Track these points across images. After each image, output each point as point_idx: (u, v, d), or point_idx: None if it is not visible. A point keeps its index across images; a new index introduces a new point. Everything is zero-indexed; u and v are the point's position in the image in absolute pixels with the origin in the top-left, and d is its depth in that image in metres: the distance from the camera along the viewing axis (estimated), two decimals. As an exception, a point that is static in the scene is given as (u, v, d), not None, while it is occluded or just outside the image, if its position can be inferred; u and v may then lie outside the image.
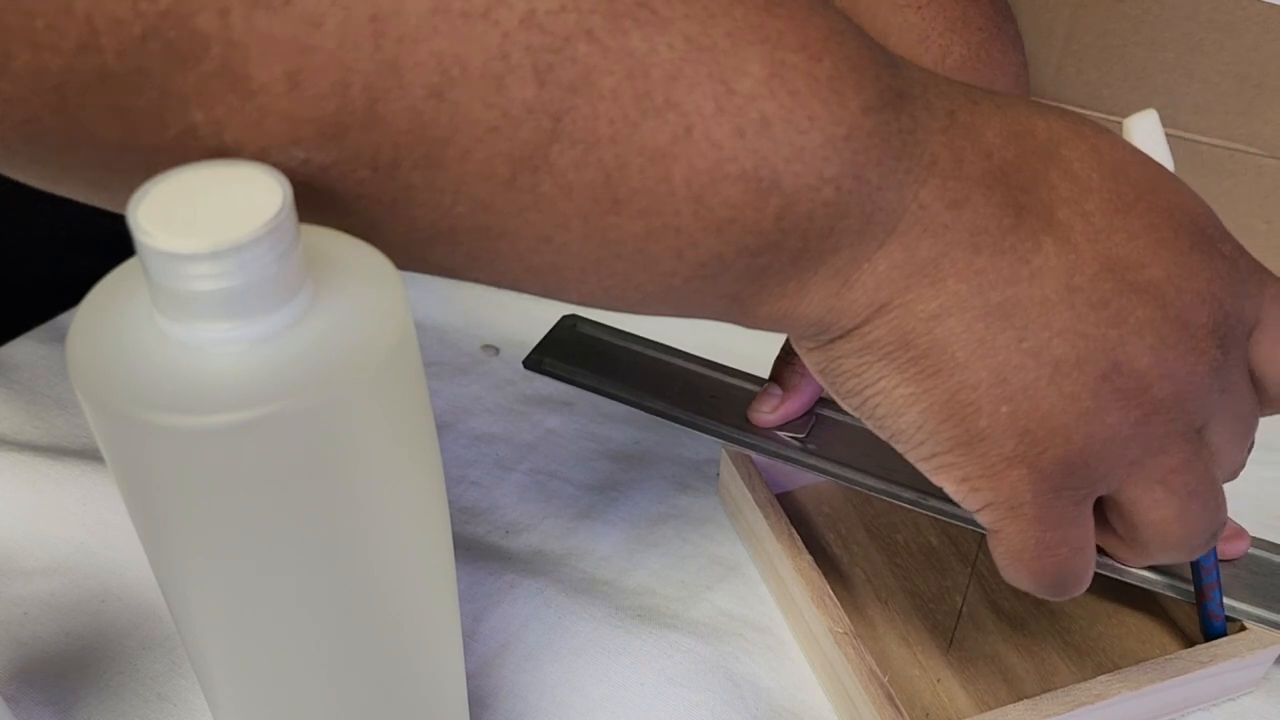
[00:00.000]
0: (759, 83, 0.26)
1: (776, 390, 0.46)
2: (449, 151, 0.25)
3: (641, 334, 0.51)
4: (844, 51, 0.27)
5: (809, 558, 0.44)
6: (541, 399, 0.56)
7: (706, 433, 0.47)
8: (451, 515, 0.32)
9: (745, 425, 0.47)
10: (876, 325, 0.29)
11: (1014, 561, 0.32)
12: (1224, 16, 0.58)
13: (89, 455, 0.50)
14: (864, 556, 0.49)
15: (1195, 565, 0.42)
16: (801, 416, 0.48)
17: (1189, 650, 0.42)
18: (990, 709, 0.40)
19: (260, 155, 0.25)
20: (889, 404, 0.30)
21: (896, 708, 0.39)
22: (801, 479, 0.51)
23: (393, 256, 0.27)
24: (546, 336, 0.51)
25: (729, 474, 0.49)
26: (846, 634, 0.42)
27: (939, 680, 0.44)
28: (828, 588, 0.43)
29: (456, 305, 0.61)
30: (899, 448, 0.32)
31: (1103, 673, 0.41)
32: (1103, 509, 0.32)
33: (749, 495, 0.47)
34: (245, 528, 0.26)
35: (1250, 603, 0.43)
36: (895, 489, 0.46)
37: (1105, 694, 0.40)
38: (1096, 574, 0.44)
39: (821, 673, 0.44)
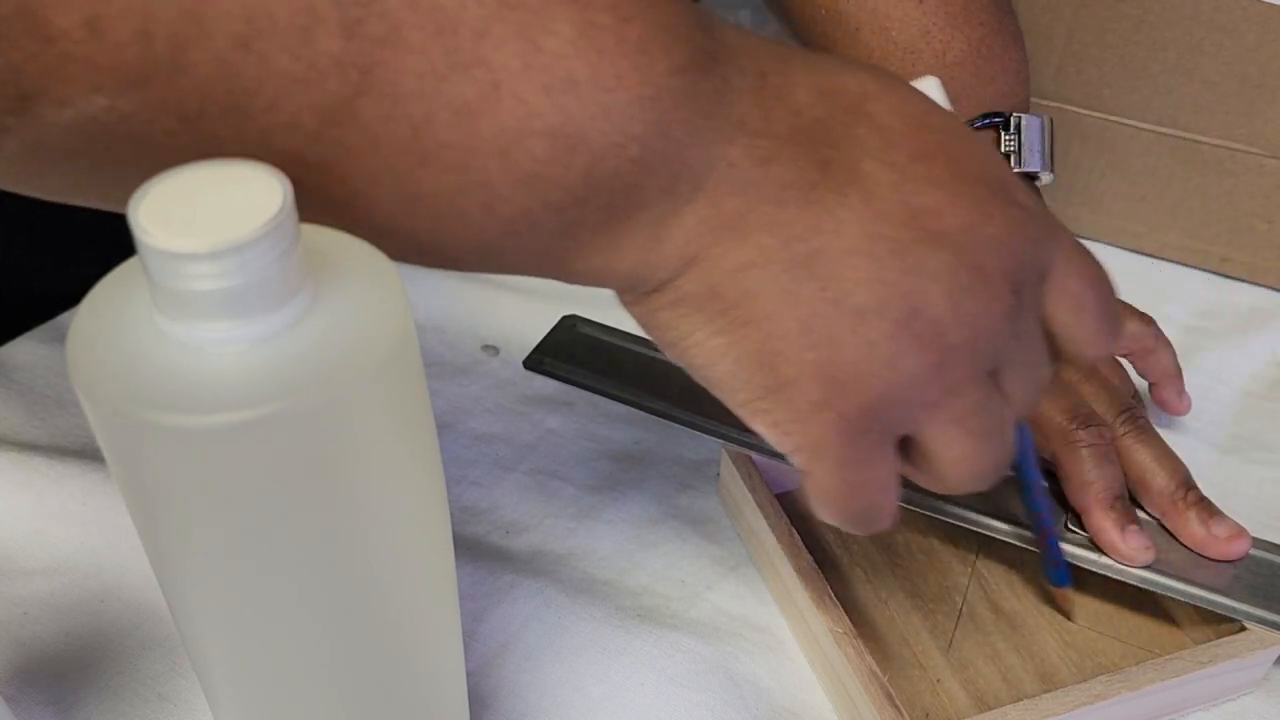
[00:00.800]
0: (567, 42, 0.27)
1: None
2: (256, 103, 0.25)
3: (642, 334, 0.51)
4: (654, 15, 0.28)
5: (809, 558, 0.44)
6: (541, 399, 0.56)
7: (706, 433, 0.47)
8: (451, 515, 0.32)
9: (746, 425, 0.47)
10: (687, 279, 0.30)
11: (822, 500, 0.33)
12: (1225, 17, 0.58)
13: (89, 455, 0.50)
14: (864, 557, 0.49)
15: (1033, 516, 0.43)
16: None
17: (1189, 651, 0.42)
18: (990, 709, 0.40)
19: (62, 102, 0.25)
20: (704, 354, 0.31)
21: (896, 708, 0.39)
22: (801, 479, 0.51)
23: None
24: (547, 337, 0.51)
25: (729, 474, 0.49)
26: (846, 634, 0.42)
27: (939, 680, 0.44)
28: (828, 588, 0.43)
29: (456, 305, 0.61)
30: (717, 395, 0.33)
31: (1102, 673, 0.41)
32: (903, 444, 0.33)
33: (749, 495, 0.47)
34: (245, 527, 0.26)
35: (1250, 603, 0.43)
36: None
37: (1105, 694, 0.40)
38: (1096, 574, 0.45)
39: (822, 673, 0.44)
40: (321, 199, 0.27)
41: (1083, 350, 0.34)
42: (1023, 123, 0.51)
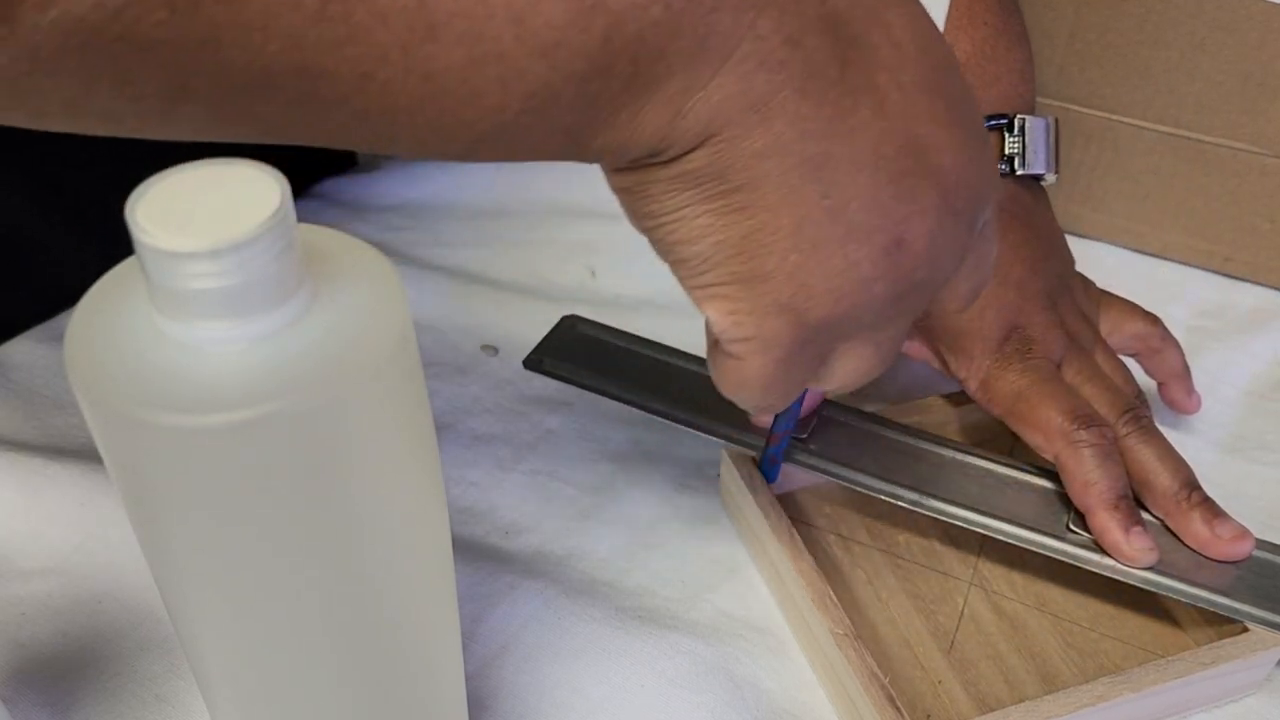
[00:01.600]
0: None
1: None
2: None
3: (642, 334, 0.51)
4: None
5: (810, 559, 0.44)
6: (541, 399, 0.56)
7: (707, 433, 0.47)
8: (451, 516, 0.32)
9: (747, 425, 0.47)
10: (698, 156, 0.29)
11: (739, 384, 0.33)
12: (1227, 15, 0.58)
13: (87, 456, 0.50)
14: (865, 558, 0.48)
15: (778, 415, 0.45)
16: (806, 416, 0.48)
17: (1191, 652, 0.42)
18: (992, 710, 0.40)
19: (44, 3, 0.23)
20: (684, 231, 0.31)
21: (897, 709, 0.39)
22: (802, 479, 0.50)
23: (222, 114, 0.26)
24: (547, 336, 0.51)
25: (729, 474, 0.49)
26: (847, 635, 0.41)
27: (940, 682, 0.44)
28: (829, 589, 0.43)
29: (456, 305, 0.61)
30: (677, 272, 0.32)
31: (1105, 674, 0.41)
32: None
33: (750, 496, 0.47)
34: (243, 527, 0.26)
35: (1253, 604, 0.43)
36: (896, 489, 0.46)
37: (1107, 695, 0.40)
38: (1096, 574, 0.44)
39: (823, 674, 0.44)
40: (330, 86, 0.26)
41: (950, 304, 0.35)
42: (1027, 124, 0.51)
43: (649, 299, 0.61)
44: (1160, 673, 0.41)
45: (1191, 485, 0.46)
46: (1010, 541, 0.45)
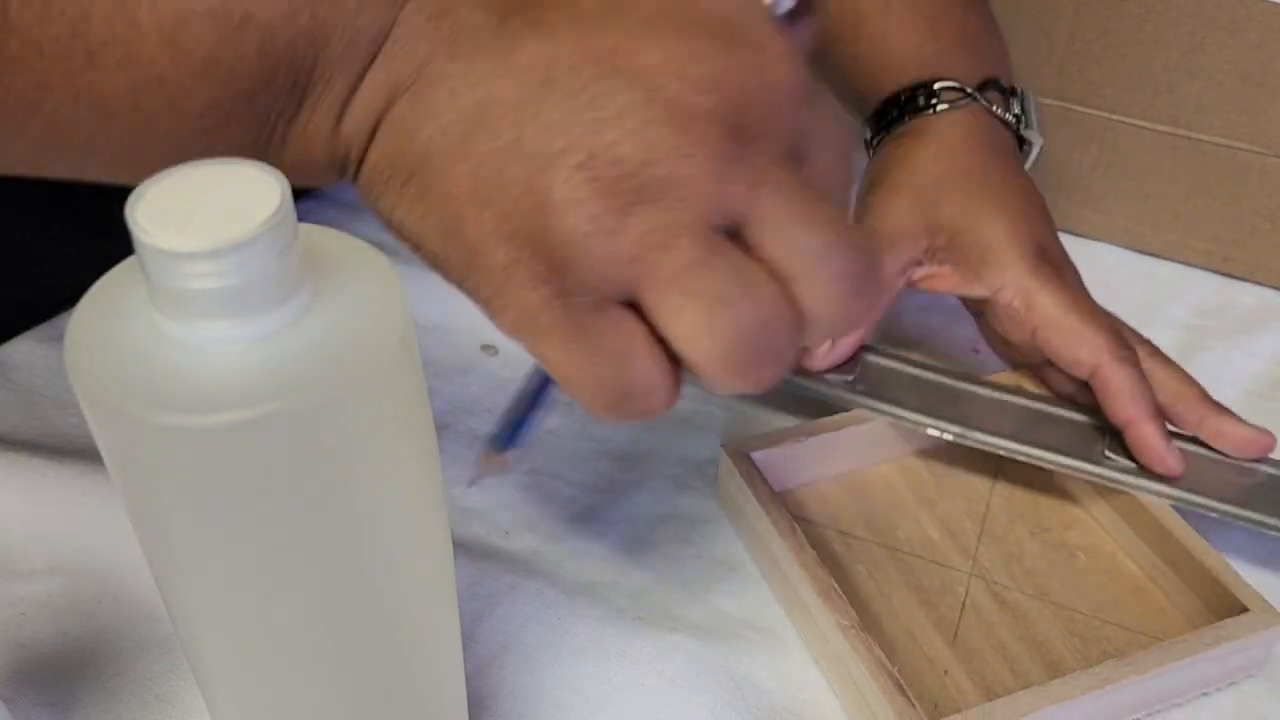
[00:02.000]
0: None
1: None
2: None
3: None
4: None
5: (813, 553, 0.44)
6: (541, 399, 0.56)
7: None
8: (451, 516, 0.32)
9: (797, 369, 0.50)
10: (371, 152, 0.28)
11: (568, 384, 0.29)
12: (1226, 15, 0.58)
13: (87, 455, 0.50)
14: (865, 553, 0.49)
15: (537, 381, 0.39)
16: (849, 360, 0.51)
17: (1194, 633, 0.42)
18: (999, 698, 0.40)
19: None
20: (414, 237, 0.29)
21: (907, 697, 0.39)
22: (800, 476, 0.51)
23: None
24: None
25: (727, 473, 0.49)
26: (854, 627, 0.41)
27: (946, 672, 0.44)
28: (833, 582, 0.43)
29: (456, 305, 0.61)
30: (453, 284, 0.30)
31: (1107, 660, 0.41)
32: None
33: (750, 494, 0.47)
34: (243, 527, 0.26)
35: (1273, 515, 0.46)
36: (941, 424, 0.49)
37: (1113, 678, 0.40)
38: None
39: (828, 668, 0.44)
40: (4, 119, 0.26)
41: (826, 176, 0.30)
42: (1021, 91, 0.55)
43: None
44: (1164, 654, 0.41)
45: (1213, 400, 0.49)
46: (1053, 468, 0.48)
